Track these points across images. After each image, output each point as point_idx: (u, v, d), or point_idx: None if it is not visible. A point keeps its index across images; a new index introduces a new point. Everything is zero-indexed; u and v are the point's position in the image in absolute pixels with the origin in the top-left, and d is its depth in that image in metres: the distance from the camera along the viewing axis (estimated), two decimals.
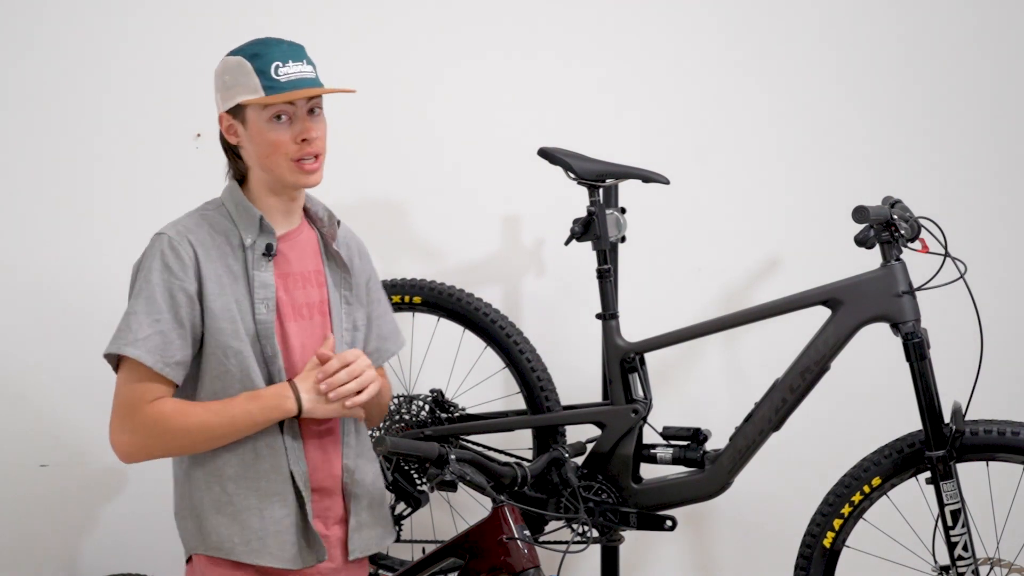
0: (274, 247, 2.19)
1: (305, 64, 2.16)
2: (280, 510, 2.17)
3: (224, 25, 3.06)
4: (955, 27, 3.11)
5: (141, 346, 2.10)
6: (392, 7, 3.15)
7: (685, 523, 2.87)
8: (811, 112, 3.13)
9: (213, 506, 2.18)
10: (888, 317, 2.43)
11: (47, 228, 3.04)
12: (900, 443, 2.44)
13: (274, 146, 2.14)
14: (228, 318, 2.14)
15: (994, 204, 3.11)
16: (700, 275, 3.14)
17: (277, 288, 2.19)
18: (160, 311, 2.11)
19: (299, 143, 2.13)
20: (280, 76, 2.11)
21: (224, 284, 2.16)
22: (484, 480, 2.17)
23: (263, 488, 2.17)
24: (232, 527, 2.16)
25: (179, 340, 2.13)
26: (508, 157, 3.12)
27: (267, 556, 2.16)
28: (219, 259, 2.17)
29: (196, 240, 2.16)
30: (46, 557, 3.05)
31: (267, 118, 2.13)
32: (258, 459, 2.17)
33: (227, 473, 2.17)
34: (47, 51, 3.03)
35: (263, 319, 2.16)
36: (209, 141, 3.03)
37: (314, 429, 2.23)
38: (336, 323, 2.26)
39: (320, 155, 2.18)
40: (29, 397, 3.03)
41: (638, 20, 3.15)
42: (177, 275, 2.13)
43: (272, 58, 2.12)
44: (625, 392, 2.68)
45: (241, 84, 2.13)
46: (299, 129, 2.13)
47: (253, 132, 2.16)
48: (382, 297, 2.44)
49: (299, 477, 2.18)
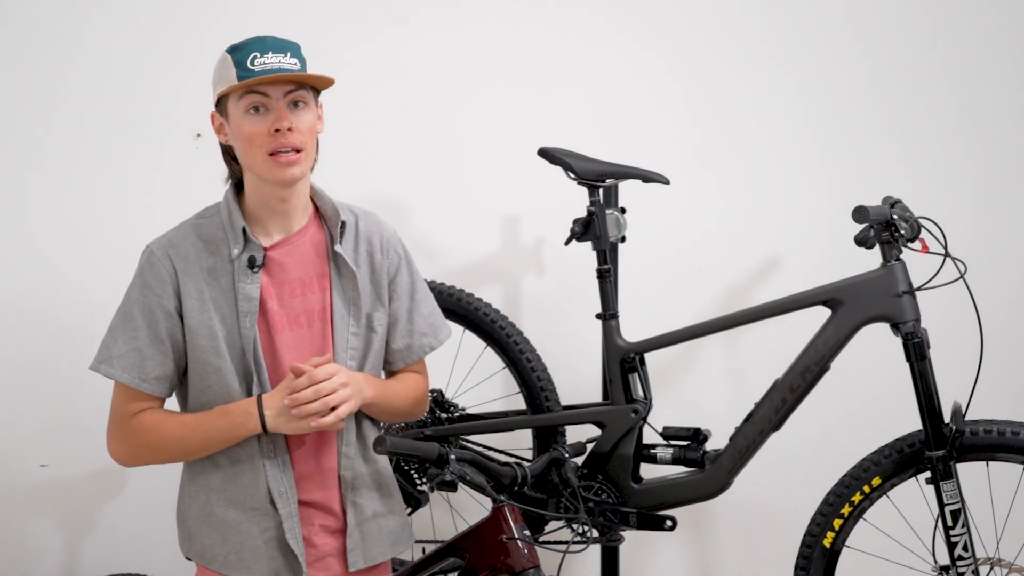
0: (257, 260, 2.14)
1: (288, 57, 2.10)
2: (258, 525, 2.16)
3: (224, 25, 3.06)
4: (955, 27, 3.11)
5: (116, 364, 2.13)
6: (392, 8, 3.14)
7: (685, 523, 2.87)
8: (811, 112, 3.13)
9: (199, 516, 2.19)
10: (888, 317, 2.43)
11: (47, 228, 3.04)
12: (900, 443, 2.44)
13: (250, 139, 2.09)
14: (207, 334, 2.13)
15: (994, 204, 3.11)
16: (700, 275, 3.14)
17: (269, 299, 2.16)
18: (137, 328, 2.13)
19: (273, 134, 2.08)
20: (255, 66, 2.07)
21: (206, 299, 2.13)
22: (484, 480, 2.17)
23: (242, 503, 2.16)
24: (214, 538, 2.17)
25: (159, 356, 2.13)
26: (508, 157, 3.12)
27: (244, 570, 2.16)
28: (203, 273, 2.14)
29: (178, 255, 2.14)
30: (46, 557, 3.05)
31: (243, 109, 2.09)
32: (238, 474, 2.16)
33: (211, 485, 2.18)
34: (47, 51, 3.03)
35: (246, 333, 2.13)
36: (209, 141, 3.04)
37: (305, 439, 2.19)
38: (339, 329, 2.21)
39: (301, 149, 2.10)
40: (29, 397, 3.03)
41: (638, 20, 3.15)
42: (155, 291, 2.13)
43: (251, 50, 2.09)
44: (625, 392, 2.68)
45: (223, 78, 2.12)
46: (272, 119, 2.08)
47: (234, 127, 2.12)
48: (417, 292, 2.34)
49: (277, 494, 2.15)
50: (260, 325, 2.15)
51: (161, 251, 2.15)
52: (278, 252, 2.19)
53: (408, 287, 2.33)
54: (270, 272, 2.17)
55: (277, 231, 2.20)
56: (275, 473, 2.16)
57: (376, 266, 2.28)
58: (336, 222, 2.23)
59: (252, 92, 2.09)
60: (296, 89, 2.11)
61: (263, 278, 2.16)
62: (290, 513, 2.16)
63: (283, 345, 2.17)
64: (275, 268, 2.18)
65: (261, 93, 2.08)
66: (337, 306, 2.22)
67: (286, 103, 2.10)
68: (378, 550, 2.25)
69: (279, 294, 2.17)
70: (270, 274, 2.17)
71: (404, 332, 2.32)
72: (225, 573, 2.16)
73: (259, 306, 2.15)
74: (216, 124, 2.19)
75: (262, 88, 2.08)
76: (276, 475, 2.16)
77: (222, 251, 2.16)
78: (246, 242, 2.15)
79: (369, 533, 2.24)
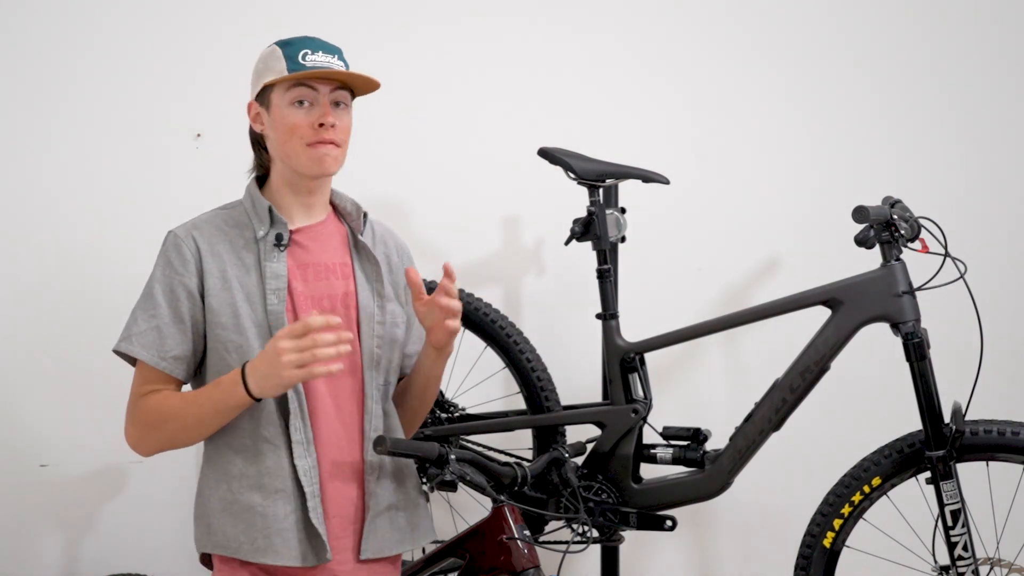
0: (284, 237, 2.18)
1: (336, 59, 2.19)
2: (284, 507, 2.14)
3: (225, 25, 3.06)
4: (955, 27, 3.11)
5: (136, 341, 2.15)
6: (392, 8, 3.15)
7: (685, 523, 2.87)
8: (811, 112, 3.13)
9: (220, 506, 2.17)
10: (888, 317, 2.43)
11: (47, 227, 3.04)
12: (900, 443, 2.44)
13: (292, 129, 2.15)
14: (230, 312, 2.14)
15: (994, 204, 3.11)
16: (700, 275, 3.14)
17: (294, 279, 2.18)
18: (157, 306, 2.15)
19: (316, 128, 2.14)
20: (306, 61, 2.15)
21: (230, 278, 2.16)
22: (484, 480, 2.17)
23: (266, 485, 2.15)
24: (238, 526, 2.15)
25: (178, 335, 2.15)
26: (508, 157, 3.12)
27: (272, 554, 2.14)
28: (228, 253, 2.17)
29: (201, 236, 2.18)
30: (46, 557, 3.05)
31: (289, 101, 2.15)
32: (260, 456, 2.15)
33: (232, 472, 2.17)
34: (47, 51, 3.03)
35: (274, 309, 2.15)
36: (209, 141, 3.04)
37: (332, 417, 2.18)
38: (365, 316, 2.23)
39: (340, 146, 2.18)
40: (29, 397, 3.03)
41: (638, 20, 3.15)
42: (177, 270, 2.15)
43: (303, 46, 2.16)
44: (625, 392, 2.68)
45: (270, 68, 2.17)
46: (318, 114, 2.14)
47: (275, 117, 2.17)
48: None
49: (303, 472, 2.14)
50: (286, 304, 2.17)
51: (185, 232, 2.19)
52: (302, 236, 2.22)
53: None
54: (294, 255, 2.20)
55: (300, 219, 2.23)
56: (300, 451, 2.15)
57: (393, 267, 2.32)
58: (358, 215, 2.28)
59: (300, 85, 2.15)
60: (340, 88, 2.18)
61: (288, 260, 2.19)
62: (314, 492, 2.14)
63: None
64: (299, 251, 2.21)
65: (310, 87, 2.15)
66: (363, 294, 2.24)
67: (331, 101, 2.17)
68: (388, 543, 2.23)
69: (304, 276, 2.20)
70: (294, 256, 2.20)
71: (418, 337, 2.35)
72: (252, 560, 2.14)
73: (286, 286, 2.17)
74: (252, 113, 2.23)
75: (311, 82, 2.15)
76: (301, 453, 2.15)
77: (247, 233, 2.20)
78: (272, 222, 2.19)
79: (382, 525, 2.22)
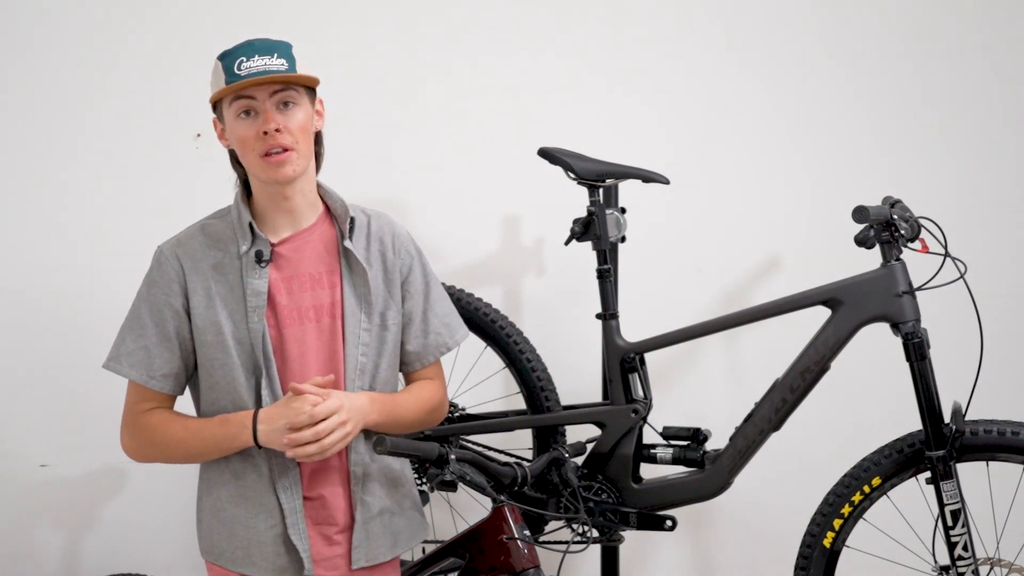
0: (265, 253, 2.16)
1: (275, 58, 2.12)
2: (265, 522, 2.17)
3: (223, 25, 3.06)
4: (955, 27, 3.11)
5: (124, 361, 2.18)
6: (392, 8, 3.14)
7: (685, 523, 2.87)
8: (811, 112, 3.13)
9: (211, 512, 2.21)
10: (888, 317, 2.43)
11: (47, 227, 3.04)
12: (900, 443, 2.44)
13: (242, 142, 2.13)
14: (213, 330, 2.15)
15: (994, 204, 3.11)
16: (700, 275, 3.13)
17: (278, 293, 2.17)
18: (144, 326, 2.17)
19: (262, 136, 2.10)
20: (241, 70, 2.10)
21: (213, 296, 2.16)
22: (484, 480, 2.17)
23: (250, 499, 2.18)
24: (222, 534, 2.19)
25: (166, 353, 2.17)
26: (508, 157, 3.12)
27: (250, 566, 2.18)
28: (210, 270, 2.17)
29: (185, 253, 2.18)
30: (46, 557, 3.05)
31: (234, 114, 2.13)
32: (245, 470, 2.18)
33: (222, 482, 2.20)
34: (47, 51, 3.03)
35: (254, 327, 2.15)
36: (209, 141, 3.04)
37: None
38: (350, 325, 2.21)
39: (290, 148, 2.12)
40: (29, 397, 3.03)
41: (638, 20, 3.14)
42: (163, 290, 2.17)
43: (238, 55, 2.12)
44: (625, 392, 2.68)
45: (214, 84, 2.16)
46: (260, 122, 2.11)
47: (229, 131, 2.17)
48: (431, 292, 2.34)
49: (282, 489, 2.17)
50: (269, 319, 2.17)
51: (169, 250, 2.19)
52: (286, 247, 2.21)
53: (422, 287, 2.33)
54: (279, 267, 2.19)
55: (285, 228, 2.22)
56: (281, 469, 2.17)
57: (388, 265, 2.29)
58: (345, 218, 2.25)
59: (240, 97, 2.11)
60: (283, 89, 2.13)
61: (272, 273, 2.18)
62: (294, 509, 2.17)
63: (292, 339, 2.18)
64: (284, 263, 2.20)
65: (248, 97, 2.11)
66: (348, 302, 2.22)
67: (274, 104, 2.12)
68: (381, 549, 2.25)
69: (288, 288, 2.19)
70: (279, 268, 2.19)
71: (419, 332, 2.32)
72: (232, 569, 2.18)
73: (268, 300, 2.17)
74: (218, 130, 2.22)
75: (248, 91, 2.11)
76: (282, 471, 2.17)
77: (230, 248, 2.19)
78: (253, 238, 2.18)
79: (374, 532, 2.24)
